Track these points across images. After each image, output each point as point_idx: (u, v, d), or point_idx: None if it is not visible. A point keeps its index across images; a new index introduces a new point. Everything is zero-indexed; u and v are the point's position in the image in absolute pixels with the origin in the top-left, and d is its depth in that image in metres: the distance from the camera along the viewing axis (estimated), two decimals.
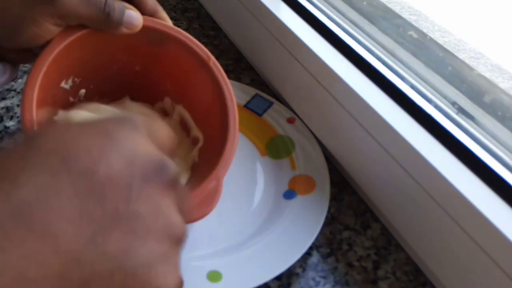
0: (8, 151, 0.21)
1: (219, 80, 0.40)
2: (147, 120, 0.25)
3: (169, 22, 0.39)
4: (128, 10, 0.35)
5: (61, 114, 0.39)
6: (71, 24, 0.34)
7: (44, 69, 0.34)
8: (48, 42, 0.35)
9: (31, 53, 0.37)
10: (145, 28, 0.37)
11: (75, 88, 0.41)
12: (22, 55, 0.37)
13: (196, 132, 0.44)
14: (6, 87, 0.58)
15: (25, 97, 0.33)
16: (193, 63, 0.40)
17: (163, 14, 0.39)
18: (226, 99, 0.39)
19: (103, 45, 0.38)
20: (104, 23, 0.34)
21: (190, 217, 0.33)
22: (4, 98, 0.56)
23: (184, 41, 0.39)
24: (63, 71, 0.38)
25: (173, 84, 0.44)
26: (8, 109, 0.55)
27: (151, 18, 0.38)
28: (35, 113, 0.33)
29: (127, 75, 0.43)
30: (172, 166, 0.24)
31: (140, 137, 0.24)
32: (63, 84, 0.39)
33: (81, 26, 0.35)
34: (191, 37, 0.40)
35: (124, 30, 0.36)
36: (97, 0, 0.33)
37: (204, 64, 0.40)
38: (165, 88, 0.44)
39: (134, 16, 0.36)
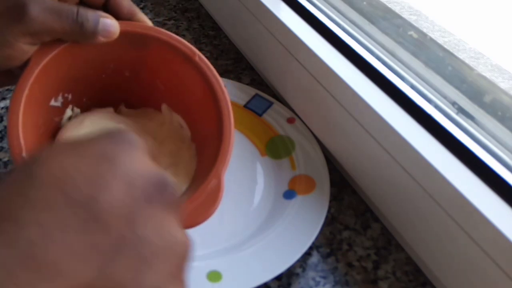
0: (4, 186, 0.20)
1: (206, 74, 0.39)
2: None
3: (149, 23, 0.38)
4: (102, 18, 0.34)
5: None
6: (44, 40, 0.33)
7: (26, 92, 0.33)
8: (26, 63, 0.33)
9: (10, 75, 0.36)
10: (124, 33, 0.36)
11: (67, 104, 0.40)
12: (0, 78, 0.36)
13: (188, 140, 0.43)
14: (6, 87, 0.58)
15: (10, 123, 0.32)
16: (179, 60, 0.39)
17: (141, 16, 0.38)
18: (216, 91, 0.38)
19: (87, 56, 0.37)
20: (79, 35, 0.33)
21: (194, 220, 0.32)
22: (4, 98, 0.56)
23: (166, 39, 0.38)
24: (49, 89, 0.37)
25: (164, 83, 0.43)
26: (8, 109, 0.55)
27: (129, 22, 0.37)
28: (22, 139, 0.32)
29: (117, 82, 0.42)
30: (171, 180, 0.24)
31: (138, 154, 0.23)
32: (53, 103, 0.38)
33: (58, 41, 0.34)
34: (173, 34, 0.39)
35: (101, 39, 0.34)
36: (68, 11, 0.32)
37: (189, 60, 0.39)
38: (157, 88, 0.43)
39: (109, 23, 0.34)
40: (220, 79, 0.39)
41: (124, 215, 0.21)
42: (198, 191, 0.34)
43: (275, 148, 0.50)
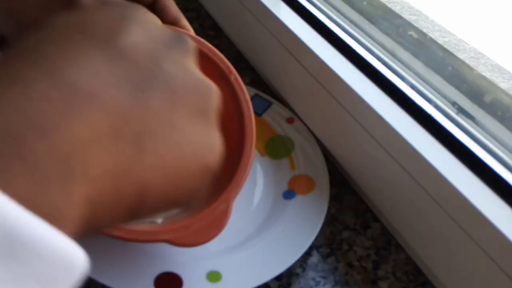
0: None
1: (239, 96, 0.38)
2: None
3: (191, 32, 0.38)
4: None
5: None
6: None
7: None
8: None
9: None
10: None
11: None
12: None
13: None
14: None
15: None
16: (213, 75, 0.37)
17: (185, 23, 0.37)
18: (245, 117, 0.37)
19: None
20: None
21: (195, 240, 0.31)
22: None
23: (205, 52, 0.38)
24: None
25: None
26: None
27: (171, 26, 0.36)
28: None
29: None
30: (188, 37, 0.24)
31: (152, 16, 0.24)
32: None
33: None
34: (213, 48, 0.38)
35: None
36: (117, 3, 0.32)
37: (224, 77, 0.38)
38: None
39: None
40: (251, 105, 0.38)
41: (148, 54, 0.21)
42: (205, 212, 0.33)
43: (274, 148, 0.50)
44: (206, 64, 0.37)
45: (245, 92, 0.38)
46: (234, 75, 0.38)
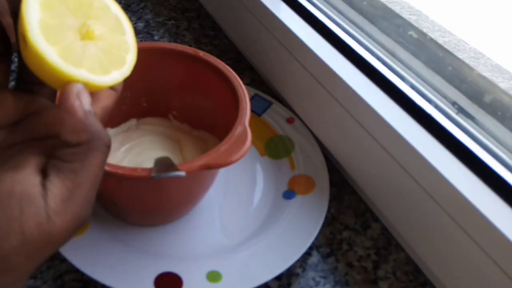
0: None
1: (213, 63, 0.43)
2: None
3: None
4: None
5: None
6: None
7: None
8: None
9: None
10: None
11: None
12: None
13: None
14: None
15: None
16: (186, 62, 0.44)
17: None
18: (223, 71, 0.42)
19: None
20: None
21: (228, 159, 0.35)
22: None
23: (169, 47, 0.44)
24: None
25: (181, 98, 0.47)
26: None
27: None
28: None
29: (134, 110, 0.47)
30: None
31: None
32: None
33: None
34: (171, 43, 0.45)
35: None
36: None
37: (195, 58, 0.43)
38: (172, 103, 0.48)
39: None
40: (224, 64, 0.43)
41: None
42: (227, 136, 0.36)
43: (274, 148, 0.50)
44: (179, 60, 0.44)
45: (217, 60, 0.43)
46: (202, 53, 0.43)
